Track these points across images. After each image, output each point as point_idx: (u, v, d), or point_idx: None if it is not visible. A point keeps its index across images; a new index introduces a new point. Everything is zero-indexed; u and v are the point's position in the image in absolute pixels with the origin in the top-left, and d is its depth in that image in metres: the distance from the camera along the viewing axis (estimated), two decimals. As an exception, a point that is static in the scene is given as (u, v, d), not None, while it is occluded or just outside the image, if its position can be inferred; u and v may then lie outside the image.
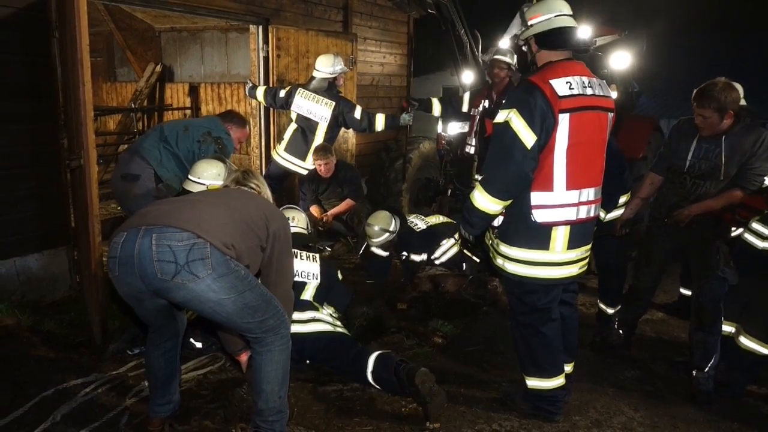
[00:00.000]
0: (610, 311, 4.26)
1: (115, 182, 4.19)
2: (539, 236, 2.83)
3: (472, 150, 5.71)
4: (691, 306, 3.71)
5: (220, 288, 2.38)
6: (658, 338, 4.59)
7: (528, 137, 2.65)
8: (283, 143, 6.14)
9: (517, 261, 2.89)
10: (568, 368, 3.17)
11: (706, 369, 3.51)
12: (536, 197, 2.78)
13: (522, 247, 2.86)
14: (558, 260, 2.88)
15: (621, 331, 4.13)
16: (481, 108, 5.58)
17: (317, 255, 3.76)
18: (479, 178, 2.84)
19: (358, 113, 5.86)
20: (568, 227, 2.84)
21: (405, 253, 5.13)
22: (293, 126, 6.08)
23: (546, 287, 2.91)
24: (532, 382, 3.04)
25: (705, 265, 3.56)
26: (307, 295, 3.64)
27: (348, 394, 3.40)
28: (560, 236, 2.84)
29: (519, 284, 2.93)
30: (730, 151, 3.44)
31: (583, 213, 2.87)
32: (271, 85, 6.50)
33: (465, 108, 5.88)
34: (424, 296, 4.55)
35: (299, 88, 6.01)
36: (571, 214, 2.84)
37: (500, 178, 2.73)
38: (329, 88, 5.89)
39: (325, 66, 5.88)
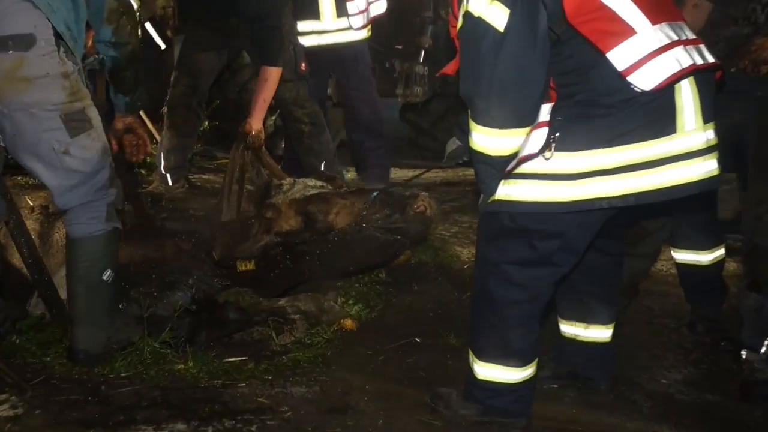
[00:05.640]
0: (708, 258, 3.21)
1: None
2: (659, 112, 2.21)
3: None
4: (743, 251, 3.20)
5: None
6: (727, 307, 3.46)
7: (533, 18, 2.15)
8: None
9: (606, 173, 2.26)
10: (608, 331, 2.71)
11: (763, 349, 2.89)
12: (622, 55, 2.17)
13: (634, 141, 2.23)
14: (689, 147, 2.24)
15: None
16: None
17: None
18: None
19: None
20: (692, 80, 2.23)
21: None
22: None
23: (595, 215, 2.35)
24: (488, 371, 2.51)
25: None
26: None
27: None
28: (688, 98, 2.22)
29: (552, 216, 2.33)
30: None
31: (696, 55, 2.24)
32: None
33: None
34: (288, 243, 3.23)
35: None
36: (683, 57, 2.21)
37: (510, 101, 2.22)
38: None
39: None
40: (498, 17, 2.14)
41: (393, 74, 6.44)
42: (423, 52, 6.08)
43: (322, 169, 4.16)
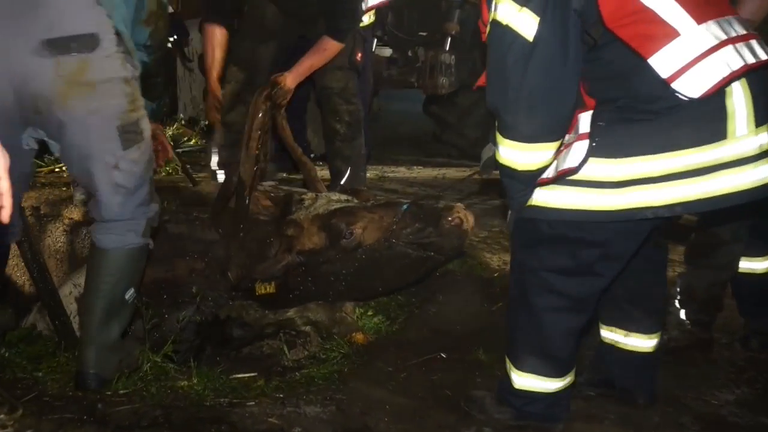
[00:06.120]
0: (762, 265, 3.11)
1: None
2: (708, 118, 2.15)
3: None
4: None
5: None
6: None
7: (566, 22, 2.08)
8: None
9: (651, 180, 2.21)
10: (650, 341, 2.64)
11: None
12: (665, 60, 2.09)
13: (681, 147, 2.18)
14: (740, 153, 2.17)
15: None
16: None
17: None
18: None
19: None
20: (744, 82, 2.14)
21: None
22: None
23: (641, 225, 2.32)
24: (526, 381, 2.51)
25: None
26: None
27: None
28: (740, 101, 2.14)
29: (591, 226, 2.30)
30: None
31: (747, 54, 2.13)
32: None
33: None
34: (312, 262, 3.04)
35: None
36: (733, 58, 2.11)
37: (541, 116, 2.16)
38: None
39: None
40: (527, 26, 2.08)
41: (416, 63, 6.12)
42: (449, 39, 5.80)
43: (348, 175, 4.05)
